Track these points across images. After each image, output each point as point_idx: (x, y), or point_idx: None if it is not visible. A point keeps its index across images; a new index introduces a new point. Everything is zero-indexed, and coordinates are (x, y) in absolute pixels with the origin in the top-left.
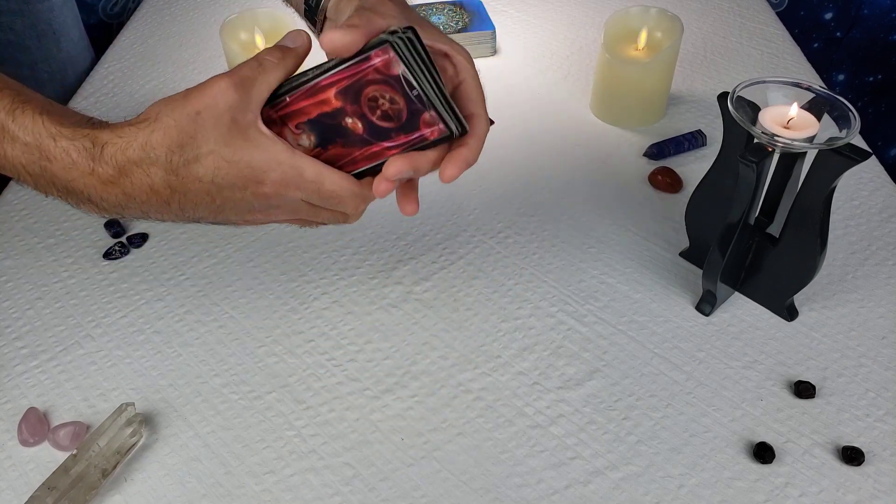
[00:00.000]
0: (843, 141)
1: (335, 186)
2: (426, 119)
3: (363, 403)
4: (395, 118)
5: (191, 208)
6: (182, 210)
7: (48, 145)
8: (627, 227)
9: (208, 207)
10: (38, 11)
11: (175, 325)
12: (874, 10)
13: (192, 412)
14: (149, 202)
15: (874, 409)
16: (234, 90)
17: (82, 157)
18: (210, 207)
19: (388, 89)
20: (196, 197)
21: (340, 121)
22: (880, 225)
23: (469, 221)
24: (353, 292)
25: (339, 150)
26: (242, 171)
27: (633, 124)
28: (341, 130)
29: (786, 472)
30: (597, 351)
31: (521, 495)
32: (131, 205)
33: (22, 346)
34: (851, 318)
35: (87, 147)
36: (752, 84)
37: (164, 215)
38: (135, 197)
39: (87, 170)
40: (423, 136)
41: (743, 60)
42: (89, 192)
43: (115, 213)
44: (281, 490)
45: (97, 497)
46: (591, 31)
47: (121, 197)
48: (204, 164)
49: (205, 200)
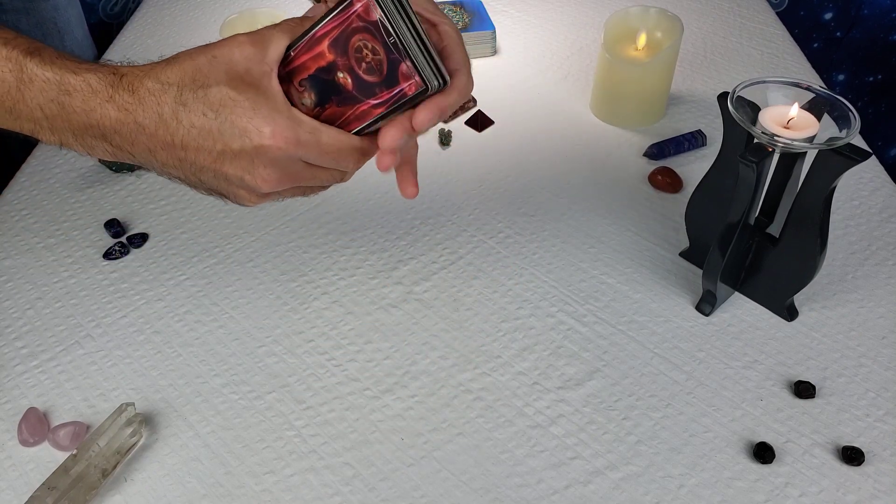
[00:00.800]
0: (843, 141)
1: (332, 140)
2: (404, 71)
3: (363, 403)
4: (378, 71)
5: (193, 151)
6: (184, 153)
7: (69, 78)
8: (627, 227)
9: (209, 154)
10: (43, 10)
11: (175, 325)
12: (874, 10)
13: (192, 412)
14: (156, 136)
15: (874, 409)
16: (250, 44)
17: (102, 85)
18: (210, 154)
19: (370, 38)
20: (198, 136)
21: (333, 76)
22: (880, 225)
23: (469, 221)
24: (353, 292)
25: (334, 109)
26: (243, 115)
27: (633, 124)
28: (335, 87)
29: (786, 472)
30: (597, 351)
31: (521, 495)
32: (141, 139)
33: (22, 346)
34: (851, 318)
35: (108, 77)
36: (752, 84)
37: (167, 158)
38: (146, 127)
39: (105, 97)
40: (403, 92)
41: (743, 60)
42: (104, 125)
43: (126, 153)
44: (281, 490)
45: (97, 497)
46: (591, 31)
47: (133, 127)
48: (210, 101)
49: (205, 144)
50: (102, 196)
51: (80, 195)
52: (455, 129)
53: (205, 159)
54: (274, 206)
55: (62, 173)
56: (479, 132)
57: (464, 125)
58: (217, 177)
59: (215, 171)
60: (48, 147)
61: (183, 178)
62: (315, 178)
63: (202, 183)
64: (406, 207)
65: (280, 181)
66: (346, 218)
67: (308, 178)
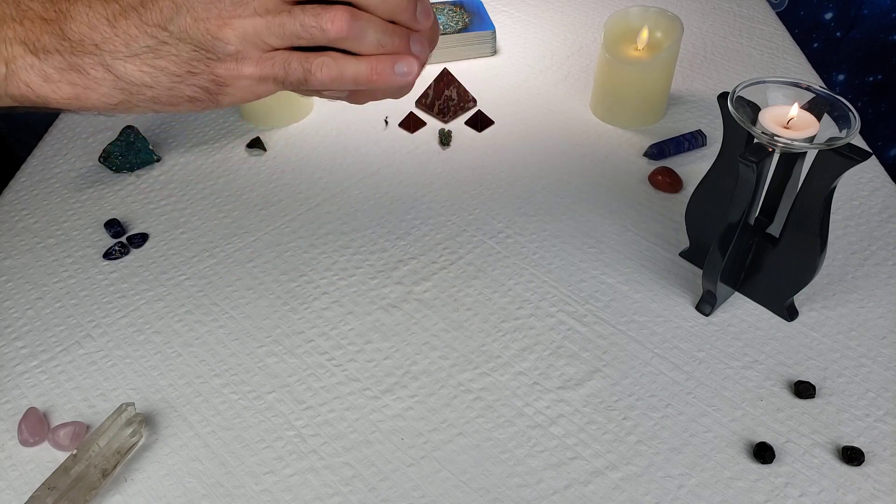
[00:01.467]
0: (843, 141)
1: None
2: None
3: (363, 403)
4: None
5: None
6: (159, 13)
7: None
8: (627, 227)
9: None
10: None
11: (175, 325)
12: (874, 11)
13: (192, 412)
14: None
15: (874, 409)
16: None
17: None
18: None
19: None
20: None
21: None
22: (880, 225)
23: (469, 221)
24: (353, 292)
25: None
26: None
27: (633, 124)
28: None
29: (786, 472)
30: (597, 351)
31: (521, 495)
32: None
33: (22, 346)
34: (851, 318)
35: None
36: (752, 84)
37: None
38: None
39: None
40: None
41: (743, 60)
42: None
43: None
44: (281, 490)
45: (97, 497)
46: (590, 31)
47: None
48: None
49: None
50: (102, 196)
51: (81, 195)
52: (455, 129)
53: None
54: (273, 206)
55: (62, 173)
56: (479, 132)
57: (464, 125)
58: (198, 16)
59: (176, 8)
60: (49, 146)
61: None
62: (295, 19)
63: (167, 28)
64: (406, 207)
65: (250, 15)
66: (346, 218)
67: (288, 21)
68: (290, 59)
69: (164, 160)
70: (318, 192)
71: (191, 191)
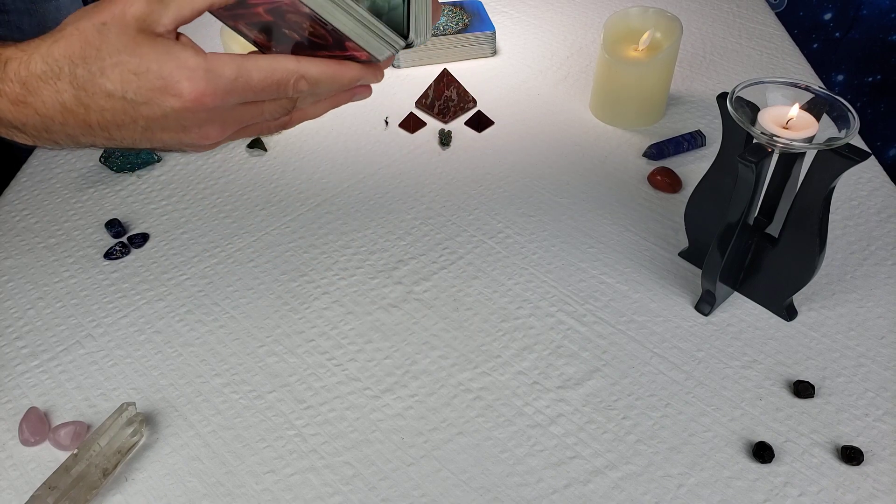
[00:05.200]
0: (842, 141)
1: (263, 73)
2: (351, 45)
3: (363, 403)
4: (323, 40)
5: (116, 130)
6: (108, 133)
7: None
8: (627, 227)
9: (134, 129)
10: (46, 11)
11: (176, 325)
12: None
13: (193, 412)
14: (68, 124)
15: (873, 408)
16: (145, 1)
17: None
18: (135, 128)
19: (306, 20)
20: (114, 117)
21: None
22: (879, 225)
23: (469, 221)
24: (353, 292)
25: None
26: (153, 82)
27: (632, 125)
28: (283, 35)
29: (785, 471)
30: (596, 351)
31: (521, 494)
32: (53, 128)
33: (23, 346)
34: (850, 317)
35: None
36: (751, 84)
37: (95, 139)
38: (52, 118)
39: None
40: (355, 56)
41: (743, 60)
42: (8, 118)
43: (47, 140)
44: (281, 489)
45: (98, 496)
46: (590, 31)
47: (37, 119)
48: (111, 78)
49: (125, 121)
50: (103, 196)
51: (81, 195)
52: (455, 129)
53: (132, 133)
54: (274, 206)
55: (63, 173)
56: (479, 132)
57: (464, 125)
58: (156, 143)
59: (151, 140)
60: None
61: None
62: (262, 113)
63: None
64: (406, 207)
65: (222, 131)
66: (346, 218)
67: (254, 115)
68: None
69: (164, 160)
70: (319, 192)
71: (191, 191)
